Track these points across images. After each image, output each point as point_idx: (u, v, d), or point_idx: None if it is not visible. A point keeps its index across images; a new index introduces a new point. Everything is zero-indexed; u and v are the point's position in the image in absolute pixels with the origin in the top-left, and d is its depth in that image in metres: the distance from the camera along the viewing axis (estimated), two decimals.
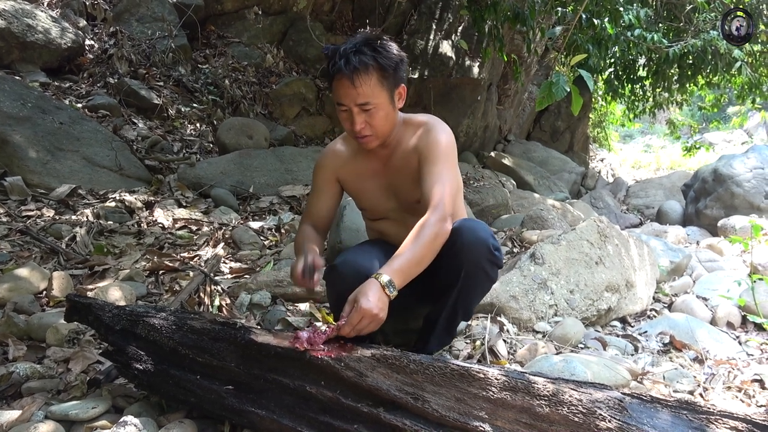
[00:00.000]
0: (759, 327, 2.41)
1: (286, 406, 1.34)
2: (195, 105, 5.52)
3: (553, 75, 2.69)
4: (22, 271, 2.39)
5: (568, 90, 2.61)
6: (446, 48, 6.59)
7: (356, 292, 1.38)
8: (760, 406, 1.69)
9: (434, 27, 6.75)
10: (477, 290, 1.74)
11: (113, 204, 3.57)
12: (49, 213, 3.27)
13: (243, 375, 1.41)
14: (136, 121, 4.94)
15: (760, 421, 1.06)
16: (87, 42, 5.35)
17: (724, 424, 1.07)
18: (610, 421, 1.09)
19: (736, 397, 1.74)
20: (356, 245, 1.99)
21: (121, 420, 1.41)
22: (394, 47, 1.62)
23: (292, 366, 1.36)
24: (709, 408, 1.11)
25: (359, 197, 1.88)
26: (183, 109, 5.38)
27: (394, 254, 1.47)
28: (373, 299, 1.34)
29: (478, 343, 1.94)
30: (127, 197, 3.72)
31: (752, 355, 2.14)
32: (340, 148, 1.85)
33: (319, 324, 2.22)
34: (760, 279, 2.39)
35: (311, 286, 1.59)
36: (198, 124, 5.39)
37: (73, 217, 3.29)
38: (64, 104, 4.39)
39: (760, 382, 1.82)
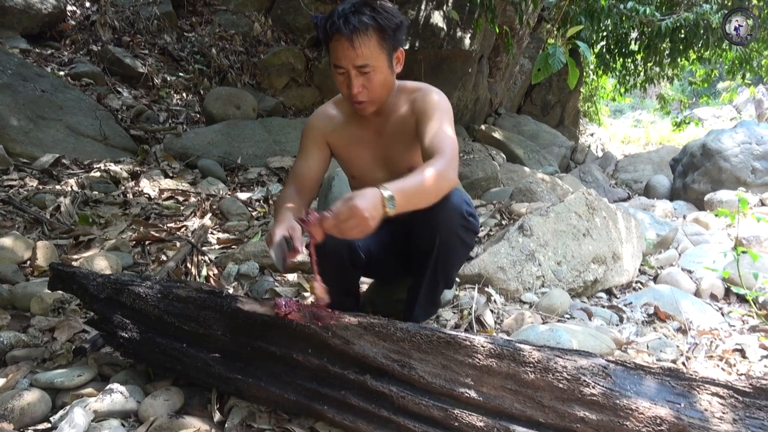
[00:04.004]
0: (741, 299, 2.45)
1: (273, 374, 1.34)
2: (181, 74, 5.41)
3: (548, 47, 2.65)
4: (5, 241, 2.35)
5: (565, 62, 2.58)
6: (437, 19, 6.48)
7: (354, 193, 1.27)
8: (741, 374, 1.72)
9: None
10: (454, 257, 1.72)
11: (98, 174, 3.52)
12: (32, 183, 3.21)
13: (230, 343, 1.40)
14: (120, 89, 4.84)
15: (741, 387, 1.07)
16: (68, 8, 5.20)
17: (706, 390, 1.09)
18: (594, 387, 1.10)
19: (718, 366, 1.78)
20: None
21: (108, 387, 1.41)
22: (393, 9, 1.56)
23: (279, 334, 1.35)
24: (691, 375, 1.13)
25: (348, 164, 1.84)
26: (169, 78, 5.27)
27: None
28: (369, 203, 1.24)
29: (465, 312, 1.95)
30: (113, 167, 3.66)
31: (734, 325, 2.18)
32: (332, 112, 1.79)
33: (307, 295, 2.22)
34: (744, 252, 2.41)
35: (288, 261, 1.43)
36: (184, 94, 5.30)
37: (57, 186, 3.23)
38: (45, 72, 4.28)
39: (741, 351, 1.86)
